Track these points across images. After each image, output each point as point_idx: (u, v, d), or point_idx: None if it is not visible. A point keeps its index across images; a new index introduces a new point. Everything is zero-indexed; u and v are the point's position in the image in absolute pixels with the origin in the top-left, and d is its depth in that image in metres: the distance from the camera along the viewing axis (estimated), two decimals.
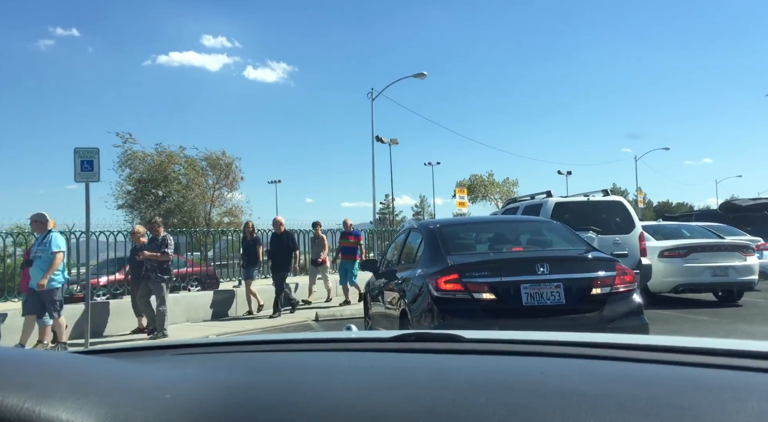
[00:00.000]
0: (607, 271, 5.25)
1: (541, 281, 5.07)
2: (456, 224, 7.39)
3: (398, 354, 1.18)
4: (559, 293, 5.07)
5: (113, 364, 1.02)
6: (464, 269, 5.17)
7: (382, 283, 6.90)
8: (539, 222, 7.23)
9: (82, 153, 8.61)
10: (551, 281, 5.08)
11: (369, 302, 7.90)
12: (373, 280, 7.60)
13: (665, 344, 1.11)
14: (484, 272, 5.13)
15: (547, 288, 5.06)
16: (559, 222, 6.78)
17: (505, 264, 5.33)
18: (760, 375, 0.90)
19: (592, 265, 5.36)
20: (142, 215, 29.52)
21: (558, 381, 0.89)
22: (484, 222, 7.96)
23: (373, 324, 7.54)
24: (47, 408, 0.68)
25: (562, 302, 5.07)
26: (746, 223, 17.81)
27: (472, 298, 5.04)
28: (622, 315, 5.16)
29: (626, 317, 5.18)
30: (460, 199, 23.79)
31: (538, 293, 5.05)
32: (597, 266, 5.33)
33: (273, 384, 0.96)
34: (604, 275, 5.22)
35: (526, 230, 6.89)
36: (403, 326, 5.67)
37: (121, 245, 11.95)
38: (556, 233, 6.49)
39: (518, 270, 5.17)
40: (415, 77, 28.13)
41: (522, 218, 9.46)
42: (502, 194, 49.17)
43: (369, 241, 19.67)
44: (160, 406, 0.78)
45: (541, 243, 6.44)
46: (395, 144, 40.84)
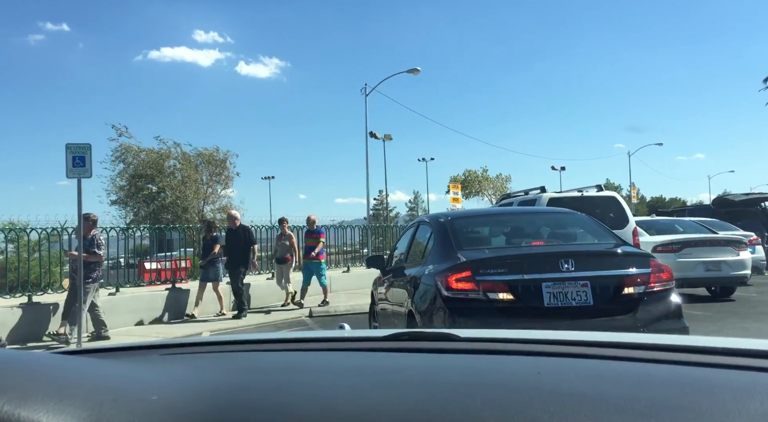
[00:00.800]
0: (640, 267, 4.72)
1: (566, 280, 4.53)
2: (469, 217, 6.81)
3: (391, 354, 1.16)
4: (585, 293, 4.52)
5: (98, 365, 0.99)
6: (478, 265, 4.66)
7: (388, 281, 6.45)
8: (562, 214, 6.52)
9: (74, 149, 8.55)
10: (577, 280, 4.54)
11: (375, 301, 7.43)
12: (379, 277, 7.16)
13: (665, 343, 1.10)
14: (500, 269, 4.62)
15: (572, 287, 4.53)
16: (585, 214, 6.12)
17: (525, 260, 4.80)
18: (763, 374, 0.89)
19: (624, 261, 4.83)
20: (135, 210, 29.42)
21: (555, 381, 0.88)
22: (500, 214, 7.24)
23: (380, 324, 7.08)
24: (27, 410, 0.66)
25: (589, 303, 4.52)
26: (739, 218, 17.92)
27: (487, 298, 4.53)
28: (658, 318, 4.65)
29: (663, 320, 4.67)
30: (454, 195, 23.80)
31: (562, 292, 4.52)
32: (629, 262, 4.80)
33: (263, 384, 0.94)
34: (638, 272, 4.69)
35: (548, 222, 6.27)
36: (411, 327, 5.15)
37: (114, 241, 11.91)
38: (581, 226, 5.89)
39: (539, 267, 4.64)
40: (409, 73, 28.09)
41: (543, 209, 8.75)
42: (496, 190, 49.30)
43: (363, 237, 19.68)
44: (146, 408, 0.76)
45: (564, 237, 5.86)
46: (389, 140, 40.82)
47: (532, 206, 9.98)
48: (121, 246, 12.33)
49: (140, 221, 27.15)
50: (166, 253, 13.91)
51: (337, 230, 16.89)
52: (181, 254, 14.04)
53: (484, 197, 50.23)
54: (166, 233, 14.55)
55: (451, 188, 24.56)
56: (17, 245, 10.85)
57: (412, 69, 28.01)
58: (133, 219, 28.26)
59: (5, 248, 10.92)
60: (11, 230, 10.70)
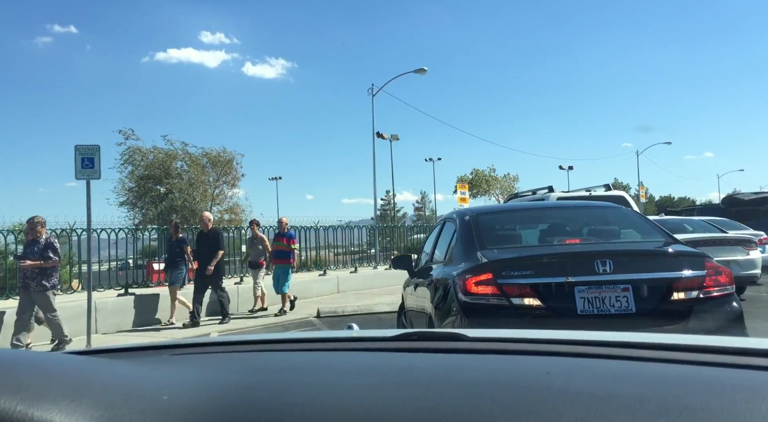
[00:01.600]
0: (694, 269, 4.12)
1: (603, 283, 3.97)
2: (498, 212, 6.17)
3: (400, 354, 1.16)
4: (627, 299, 3.97)
5: (109, 365, 1.00)
6: (500, 266, 4.14)
7: (414, 283, 5.95)
8: (603, 208, 5.87)
9: (82, 150, 8.61)
10: (616, 283, 3.98)
11: (404, 304, 6.98)
12: (408, 279, 6.58)
13: (674, 342, 1.09)
14: (526, 270, 4.08)
15: (610, 292, 3.98)
16: (630, 208, 5.47)
17: (555, 260, 4.24)
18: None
19: (674, 262, 4.24)
20: (143, 212, 29.57)
21: (564, 381, 0.87)
22: (533, 209, 6.61)
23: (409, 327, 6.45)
24: (41, 410, 0.67)
25: (631, 311, 3.95)
26: (749, 217, 17.79)
27: (510, 304, 4.01)
28: (714, 328, 4.03)
29: (722, 330, 4.06)
30: (461, 195, 23.75)
31: (598, 297, 3.97)
32: (680, 263, 4.21)
33: (272, 384, 0.94)
34: (691, 275, 4.10)
35: (587, 217, 5.66)
36: None
37: (123, 242, 11.98)
38: (625, 221, 5.29)
39: (572, 268, 4.07)
40: (416, 73, 28.09)
41: (581, 203, 8.02)
42: (504, 190, 49.22)
43: (371, 237, 19.69)
44: (157, 408, 0.76)
45: (605, 234, 5.20)
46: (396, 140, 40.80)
47: (571, 200, 9.48)
48: (130, 247, 12.40)
49: (148, 222, 27.27)
50: None
51: (344, 231, 16.92)
52: None
53: (491, 197, 50.15)
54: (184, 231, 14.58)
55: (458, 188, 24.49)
56: None
57: (419, 69, 28.00)
58: (141, 220, 28.39)
59: (15, 249, 10.99)
60: (21, 231, 10.77)
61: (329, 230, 16.23)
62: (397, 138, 40.70)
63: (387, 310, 11.64)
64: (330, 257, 16.80)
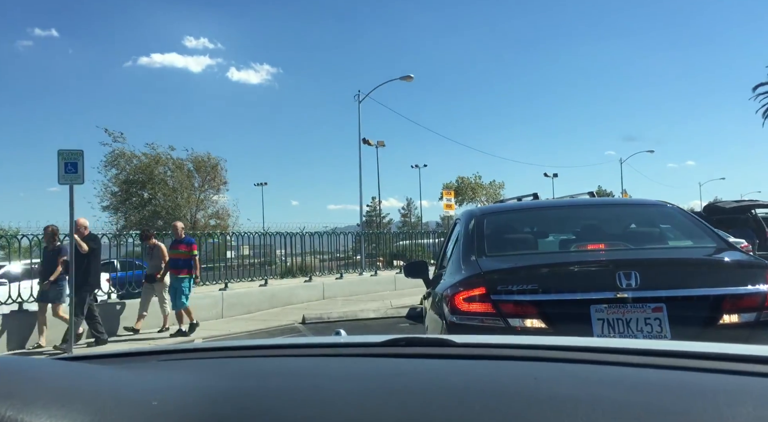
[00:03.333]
0: (752, 284, 3.15)
1: (628, 301, 3.13)
2: (511, 211, 5.06)
3: (388, 359, 1.16)
4: (659, 322, 3.10)
5: (98, 370, 1.00)
6: (496, 278, 3.34)
7: (427, 293, 4.94)
8: (642, 206, 4.76)
9: (66, 155, 8.53)
10: (646, 301, 3.13)
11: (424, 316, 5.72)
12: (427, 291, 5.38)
13: (659, 348, 1.11)
14: (528, 284, 3.25)
15: (638, 312, 3.13)
16: (676, 206, 4.46)
17: (565, 271, 3.40)
18: (755, 379, 0.90)
19: (725, 274, 3.31)
20: (126, 217, 29.33)
21: (551, 386, 0.89)
22: (555, 207, 5.36)
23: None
24: (31, 416, 0.67)
25: (665, 337, 3.08)
26: (730, 225, 17.99)
27: (507, 325, 3.21)
28: None
29: None
30: (447, 201, 23.84)
31: (621, 320, 3.13)
32: (733, 275, 3.27)
33: (261, 390, 0.94)
34: (747, 291, 3.14)
35: (620, 217, 4.62)
36: None
37: (106, 248, 11.85)
38: (669, 223, 4.30)
39: (588, 282, 3.25)
40: (402, 80, 28.19)
41: (616, 201, 6.49)
42: (489, 197, 49.49)
43: (356, 244, 19.67)
44: (146, 413, 0.76)
45: (640, 238, 4.16)
46: (382, 146, 40.90)
47: (602, 198, 8.05)
48: (113, 253, 12.28)
49: (131, 227, 27.05)
50: None
51: (330, 237, 16.90)
52: None
53: (477, 204, 50.38)
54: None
55: (444, 195, 24.61)
56: (8, 251, 10.79)
57: (406, 76, 28.11)
58: (125, 225, 28.16)
59: None
60: (2, 237, 10.65)
61: (315, 237, 16.20)
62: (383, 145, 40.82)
63: (373, 316, 11.64)
64: (315, 263, 16.77)
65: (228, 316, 12.04)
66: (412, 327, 10.26)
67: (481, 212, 4.57)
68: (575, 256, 3.82)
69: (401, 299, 13.24)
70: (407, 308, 12.30)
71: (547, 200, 6.80)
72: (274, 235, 15.43)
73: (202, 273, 14.79)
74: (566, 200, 6.62)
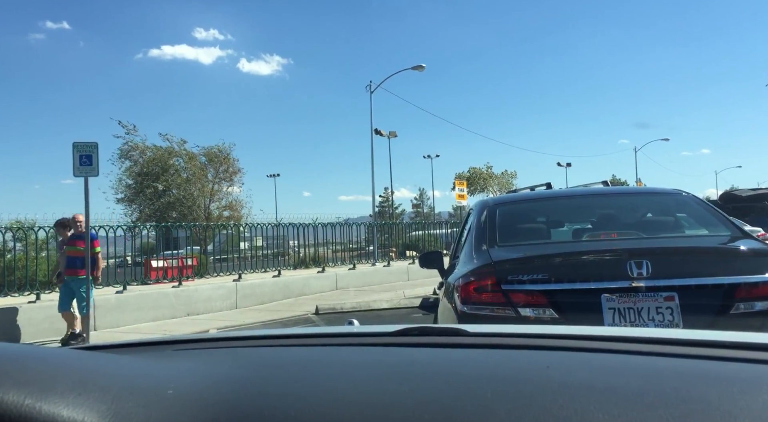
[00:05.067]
0: (765, 273, 3.15)
1: (640, 290, 3.15)
2: (525, 201, 5.12)
3: (401, 349, 1.17)
4: (671, 311, 3.12)
5: (114, 360, 1.01)
6: (506, 268, 3.37)
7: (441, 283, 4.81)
8: (656, 195, 4.79)
9: (80, 148, 8.60)
10: (658, 290, 3.14)
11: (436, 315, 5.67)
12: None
13: (672, 336, 1.10)
14: (539, 274, 3.27)
15: (649, 301, 3.15)
16: (691, 195, 4.43)
17: (576, 261, 3.43)
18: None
19: (739, 262, 3.29)
20: (141, 209, 29.55)
21: (564, 374, 0.88)
22: (570, 197, 5.27)
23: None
24: (48, 404, 0.67)
25: (677, 326, 3.11)
26: (746, 213, 17.80)
27: (518, 315, 3.22)
28: None
29: None
30: (459, 191, 23.77)
31: (633, 309, 3.15)
32: (748, 264, 3.25)
33: (276, 378, 0.95)
34: (764, 279, 3.13)
35: (634, 206, 4.64)
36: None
37: (121, 239, 11.97)
38: (686, 211, 4.29)
39: (599, 271, 3.28)
40: (414, 70, 28.07)
41: (632, 189, 6.62)
42: (501, 186, 49.29)
43: (369, 234, 19.70)
44: (162, 402, 0.77)
45: (654, 227, 4.21)
46: (394, 137, 40.84)
47: (618, 187, 8.23)
48: (128, 244, 12.41)
49: (146, 219, 27.26)
50: (173, 251, 13.97)
51: (342, 228, 16.93)
52: (188, 251, 14.11)
53: (489, 194, 50.22)
54: (173, 231, 14.62)
55: (456, 185, 24.53)
56: (25, 243, 10.92)
57: (417, 66, 27.99)
58: (139, 217, 28.38)
59: (13, 246, 10.99)
60: (19, 229, 10.77)
61: (327, 227, 16.23)
62: (395, 135, 40.76)
63: (386, 307, 11.67)
64: (328, 254, 16.82)
65: (242, 307, 12.12)
66: (425, 317, 10.27)
67: (494, 203, 4.56)
68: (586, 245, 3.85)
69: (414, 290, 13.26)
70: (420, 299, 12.32)
71: (560, 190, 6.82)
72: (287, 226, 15.51)
73: (216, 264, 14.95)
74: (579, 190, 6.62)
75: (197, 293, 11.69)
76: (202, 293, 11.77)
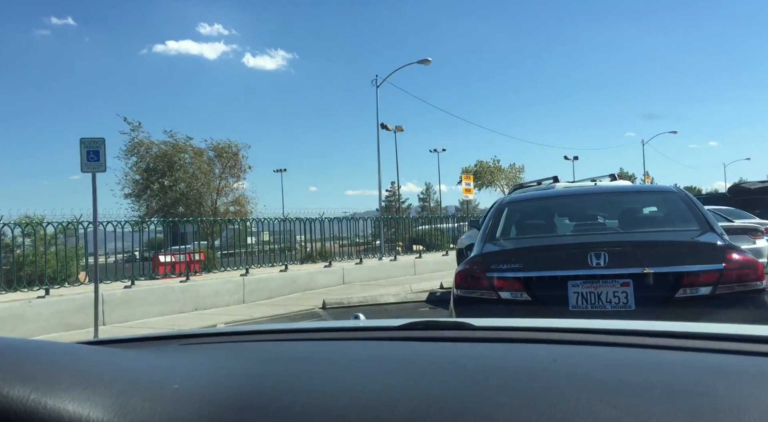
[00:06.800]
0: (709, 263, 3.69)
1: (599, 277, 3.74)
2: (530, 200, 5.80)
3: (407, 343, 1.17)
4: (626, 295, 3.69)
5: (120, 354, 1.01)
6: (490, 259, 4.08)
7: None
8: (647, 193, 5.54)
9: (88, 143, 8.63)
10: (615, 278, 3.72)
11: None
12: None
13: (680, 330, 1.09)
14: (515, 263, 3.93)
15: (608, 287, 3.73)
16: (682, 193, 4.91)
17: (547, 253, 4.13)
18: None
19: (686, 254, 3.81)
20: (148, 204, 29.62)
21: (571, 368, 0.88)
22: (570, 196, 5.92)
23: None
24: (53, 399, 0.67)
25: (630, 308, 3.68)
26: (755, 206, 17.73)
27: (499, 298, 3.89)
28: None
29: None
30: (466, 185, 23.73)
31: (594, 293, 3.74)
32: (693, 256, 3.78)
33: (281, 373, 0.95)
34: (704, 269, 3.66)
35: (624, 204, 5.17)
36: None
37: (129, 234, 12.02)
38: (669, 208, 4.84)
39: (565, 261, 3.90)
40: (420, 64, 27.94)
41: (625, 188, 7.53)
42: (509, 180, 49.11)
43: (375, 229, 19.71)
44: (167, 396, 0.77)
45: (634, 223, 4.81)
46: (400, 131, 40.76)
47: (616, 185, 8.89)
48: (136, 239, 12.45)
49: (153, 214, 27.34)
50: (180, 246, 14.02)
51: (349, 222, 16.94)
52: (195, 246, 14.15)
53: (496, 188, 50.08)
54: (180, 226, 14.66)
55: (463, 179, 24.49)
56: (34, 238, 10.98)
57: (423, 60, 27.86)
58: (146, 212, 28.46)
59: (22, 241, 11.06)
60: (28, 224, 10.83)
61: (334, 222, 16.25)
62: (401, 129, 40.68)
63: (392, 301, 11.68)
64: (335, 248, 16.84)
65: (249, 301, 12.17)
66: (431, 312, 10.28)
67: (507, 201, 5.21)
68: (556, 240, 4.55)
69: (421, 284, 13.27)
70: (427, 293, 12.33)
71: (566, 189, 7.50)
72: (293, 221, 15.52)
73: (223, 259, 14.99)
74: (581, 188, 7.29)
75: (205, 288, 11.74)
76: (210, 288, 11.81)
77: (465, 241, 12.98)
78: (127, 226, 11.86)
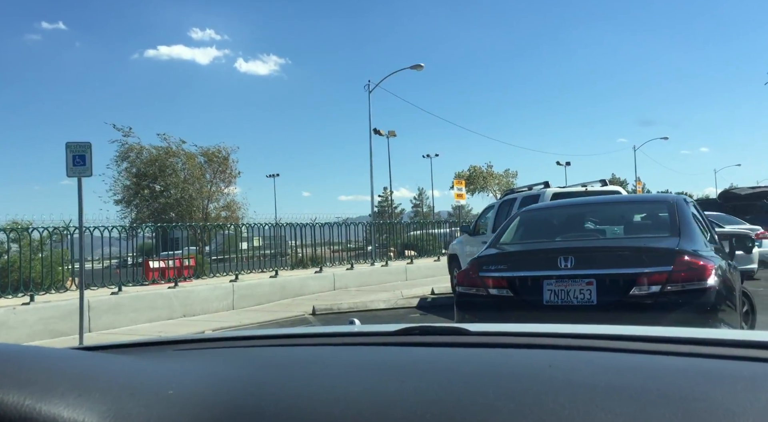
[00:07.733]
0: (659, 265, 4.21)
1: (567, 277, 4.39)
2: (544, 209, 6.71)
3: (403, 348, 1.16)
4: (590, 292, 4.32)
5: (115, 360, 1.00)
6: (484, 261, 4.89)
7: None
8: (645, 204, 6.25)
9: (73, 148, 8.54)
10: (580, 278, 4.35)
11: None
12: None
13: (675, 335, 1.10)
14: (502, 265, 4.75)
15: (575, 285, 4.36)
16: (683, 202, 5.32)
17: (526, 257, 4.90)
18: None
19: (639, 258, 4.36)
20: (138, 209, 29.44)
21: (567, 373, 0.88)
22: (576, 206, 6.61)
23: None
24: (48, 405, 0.67)
25: (592, 303, 4.29)
26: (745, 211, 17.87)
27: (488, 294, 4.70)
28: (675, 322, 3.96)
29: (685, 325, 3.88)
30: (458, 191, 23.76)
31: (564, 290, 4.39)
32: (645, 258, 4.31)
33: (276, 378, 0.95)
34: (654, 270, 4.19)
35: (616, 214, 5.96)
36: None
37: (116, 240, 11.94)
38: (653, 218, 5.56)
39: (541, 264, 4.61)
40: (412, 69, 28.01)
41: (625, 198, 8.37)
42: (501, 186, 49.25)
43: (367, 234, 19.70)
44: (162, 402, 0.77)
45: (623, 231, 5.62)
46: (393, 136, 40.84)
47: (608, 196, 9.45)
48: (124, 246, 12.36)
49: (144, 219, 27.17)
50: (170, 252, 13.94)
51: (341, 228, 16.91)
52: (186, 252, 14.07)
53: (489, 193, 50.19)
54: (170, 231, 14.58)
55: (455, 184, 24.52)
56: (20, 244, 10.87)
57: (416, 65, 27.93)
58: (137, 218, 28.27)
59: (8, 247, 10.95)
60: (13, 230, 10.72)
61: (325, 227, 16.22)
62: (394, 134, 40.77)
63: (383, 307, 11.66)
64: (326, 253, 16.79)
65: (239, 307, 12.10)
66: (422, 317, 10.27)
67: (527, 210, 6.15)
68: (536, 245, 5.26)
69: (412, 290, 13.25)
70: (418, 299, 12.31)
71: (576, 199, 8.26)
72: (285, 226, 15.48)
73: (213, 265, 14.91)
74: (576, 201, 7.96)
75: (194, 294, 11.66)
76: (199, 294, 11.74)
77: (456, 246, 12.99)
78: (115, 231, 11.76)
